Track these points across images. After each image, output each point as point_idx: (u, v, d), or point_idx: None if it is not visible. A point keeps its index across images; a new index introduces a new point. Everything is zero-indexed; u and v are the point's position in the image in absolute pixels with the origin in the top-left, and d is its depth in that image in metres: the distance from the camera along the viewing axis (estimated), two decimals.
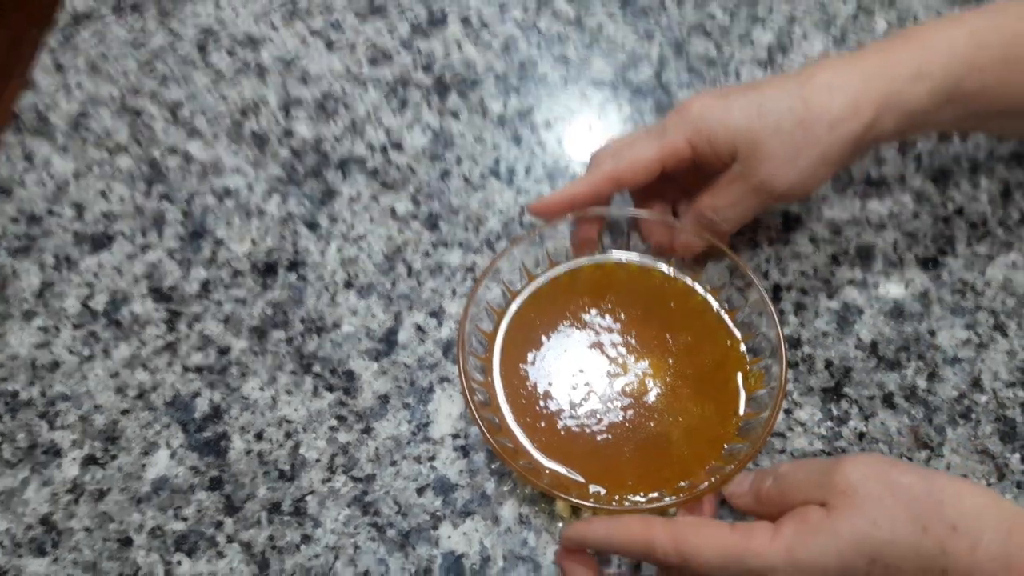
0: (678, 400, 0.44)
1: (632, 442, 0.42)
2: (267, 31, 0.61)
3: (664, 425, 0.43)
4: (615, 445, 0.42)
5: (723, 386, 0.44)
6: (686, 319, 0.46)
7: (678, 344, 0.45)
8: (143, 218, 0.53)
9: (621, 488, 0.41)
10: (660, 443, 0.42)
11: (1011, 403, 0.46)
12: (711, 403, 0.43)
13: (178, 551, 0.43)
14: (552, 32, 0.61)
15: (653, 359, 0.45)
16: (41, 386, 0.47)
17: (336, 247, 0.52)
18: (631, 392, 0.44)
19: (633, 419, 0.43)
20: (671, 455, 0.42)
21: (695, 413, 0.43)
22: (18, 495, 0.45)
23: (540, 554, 0.43)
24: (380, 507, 0.44)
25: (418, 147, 0.56)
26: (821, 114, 0.42)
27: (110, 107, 0.58)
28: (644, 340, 0.45)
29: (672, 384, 0.44)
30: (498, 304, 0.46)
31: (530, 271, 0.47)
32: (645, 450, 0.42)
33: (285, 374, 0.47)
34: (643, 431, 0.43)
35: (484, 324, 0.45)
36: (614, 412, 0.43)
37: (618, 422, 0.43)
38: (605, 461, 0.42)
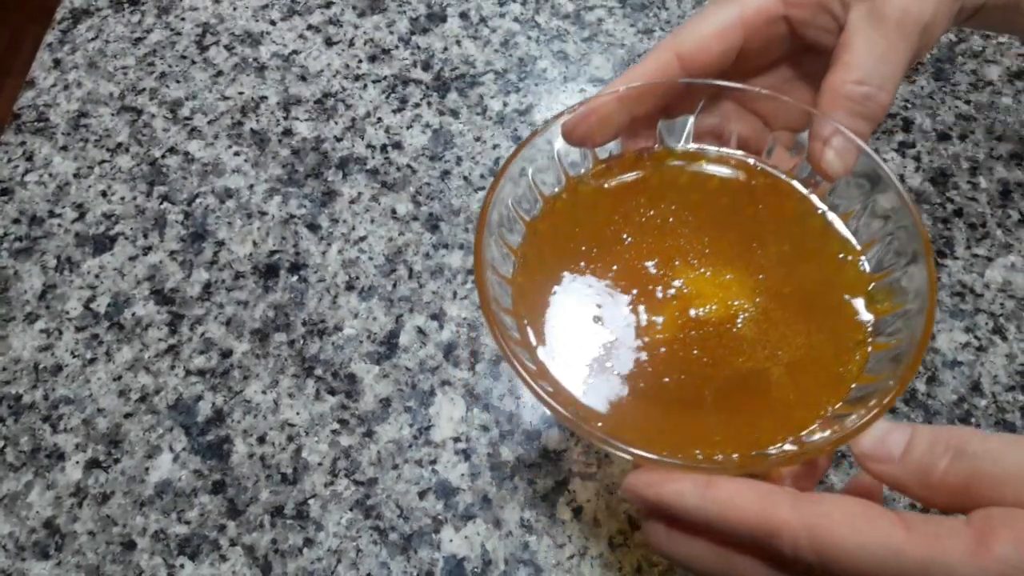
0: (775, 327, 0.33)
1: (713, 385, 0.32)
2: (266, 27, 0.61)
3: (758, 360, 0.33)
4: (690, 389, 0.32)
5: (836, 309, 0.34)
6: (780, 225, 0.36)
7: (769, 256, 0.35)
8: (144, 219, 0.53)
9: (703, 447, 0.31)
10: (754, 385, 0.32)
11: (1011, 407, 0.46)
12: (821, 331, 0.33)
13: (181, 554, 0.43)
14: (551, 27, 0.61)
15: (736, 275, 0.35)
16: (44, 389, 0.48)
17: (337, 249, 0.52)
18: (708, 319, 0.34)
19: (713, 354, 0.33)
20: (771, 400, 0.32)
21: (800, 344, 0.33)
22: (22, 498, 0.45)
23: (542, 558, 0.43)
24: (382, 511, 0.44)
25: (418, 146, 0.55)
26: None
27: (110, 105, 0.58)
28: (723, 252, 0.35)
29: (765, 307, 0.34)
30: (527, 209, 0.37)
31: (566, 168, 0.37)
32: (733, 394, 0.32)
33: (287, 377, 0.48)
34: (728, 369, 0.32)
35: (509, 236, 0.35)
36: (686, 346, 0.33)
37: (693, 359, 0.33)
38: (678, 411, 0.32)
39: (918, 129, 0.55)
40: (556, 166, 0.37)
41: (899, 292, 0.33)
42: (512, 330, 0.33)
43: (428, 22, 0.61)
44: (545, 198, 0.37)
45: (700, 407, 0.32)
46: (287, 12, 0.62)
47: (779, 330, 0.33)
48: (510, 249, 0.35)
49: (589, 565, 0.42)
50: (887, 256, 0.34)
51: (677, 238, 0.35)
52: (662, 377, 0.32)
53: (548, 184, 0.37)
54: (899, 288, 0.33)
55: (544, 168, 0.36)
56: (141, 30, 0.61)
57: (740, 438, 0.31)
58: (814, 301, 0.34)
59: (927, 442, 0.27)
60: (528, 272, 0.35)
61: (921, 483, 0.27)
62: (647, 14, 0.62)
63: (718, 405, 0.32)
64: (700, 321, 0.33)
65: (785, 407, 0.32)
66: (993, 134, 0.55)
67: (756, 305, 0.34)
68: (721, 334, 0.33)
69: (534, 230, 0.36)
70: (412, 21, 0.61)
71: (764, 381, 0.32)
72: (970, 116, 0.55)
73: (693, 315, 0.34)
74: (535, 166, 0.36)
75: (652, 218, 0.36)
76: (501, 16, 0.62)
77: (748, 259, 0.35)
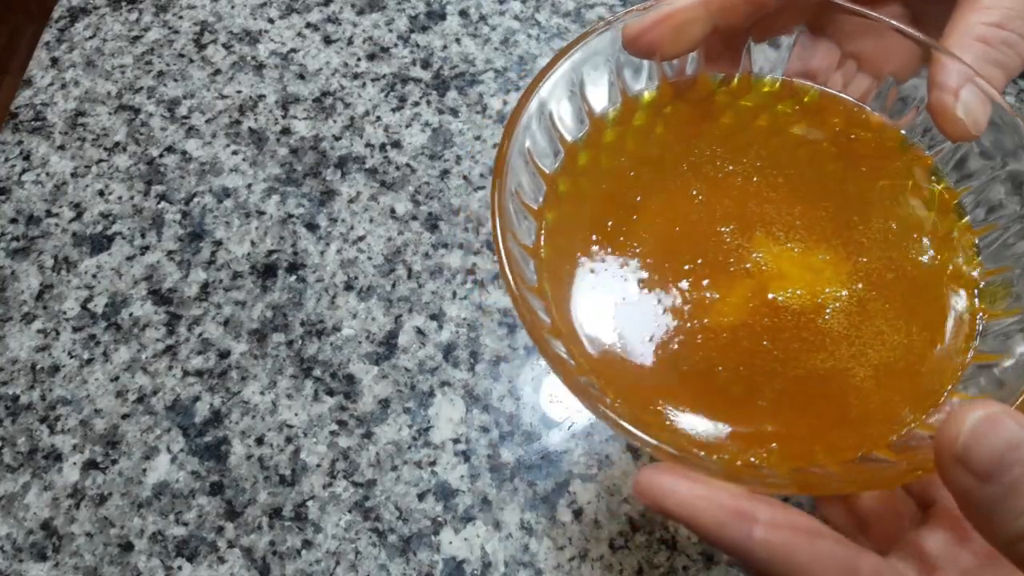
0: (870, 322, 0.27)
1: (779, 384, 0.26)
2: (264, 25, 0.61)
3: (840, 360, 0.27)
4: (747, 385, 0.26)
5: (939, 303, 0.28)
6: (887, 194, 0.29)
7: (873, 234, 0.28)
8: (142, 219, 0.53)
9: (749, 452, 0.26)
10: (833, 387, 0.26)
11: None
12: (923, 329, 0.27)
13: (179, 556, 0.43)
14: (551, 25, 0.61)
15: (833, 257, 0.28)
16: (41, 390, 0.47)
17: (336, 248, 0.51)
18: (789, 306, 0.27)
19: (787, 349, 0.27)
20: (850, 407, 0.26)
21: (897, 344, 0.27)
22: (19, 500, 0.45)
23: (542, 560, 0.43)
24: (381, 512, 0.44)
25: (417, 145, 0.55)
26: None
27: (107, 104, 0.57)
28: (818, 225, 0.29)
29: (862, 297, 0.28)
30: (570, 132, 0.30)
31: (626, 87, 0.30)
32: (803, 397, 0.26)
33: (285, 378, 0.47)
34: (801, 369, 0.27)
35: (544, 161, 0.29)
36: (754, 335, 0.27)
37: (760, 351, 0.27)
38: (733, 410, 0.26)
39: None
40: (612, 80, 0.30)
41: (1015, 293, 0.27)
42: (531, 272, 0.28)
43: (427, 20, 0.61)
44: (594, 119, 0.30)
45: (755, 408, 0.26)
46: (285, 10, 0.62)
47: (875, 325, 0.27)
48: (542, 176, 0.29)
49: (590, 567, 0.42)
50: (1008, 244, 0.27)
51: (761, 201, 0.29)
52: (716, 366, 0.27)
53: (599, 103, 0.30)
54: (1017, 288, 0.27)
55: (597, 81, 0.30)
56: (139, 28, 0.61)
57: (804, 448, 0.26)
58: (920, 292, 0.28)
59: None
60: (564, 210, 0.29)
61: None
62: None
63: (778, 408, 0.26)
64: (778, 307, 0.27)
65: (861, 419, 0.26)
66: None
67: (852, 293, 0.27)
68: (802, 326, 0.27)
69: (574, 156, 0.30)
70: (411, 19, 0.61)
71: (842, 385, 0.26)
72: None
73: (770, 299, 0.27)
74: (587, 78, 0.29)
75: (731, 172, 0.29)
76: (501, 14, 0.61)
77: (848, 236, 0.28)
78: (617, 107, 0.31)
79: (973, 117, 0.27)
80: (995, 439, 0.20)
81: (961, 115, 0.27)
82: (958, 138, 0.28)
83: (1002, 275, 0.27)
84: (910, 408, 0.26)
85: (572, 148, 0.30)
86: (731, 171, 0.30)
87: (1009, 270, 0.27)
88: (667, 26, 0.29)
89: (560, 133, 0.30)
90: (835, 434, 0.26)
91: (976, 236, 0.28)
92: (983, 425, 0.20)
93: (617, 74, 0.30)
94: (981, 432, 0.20)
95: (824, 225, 0.29)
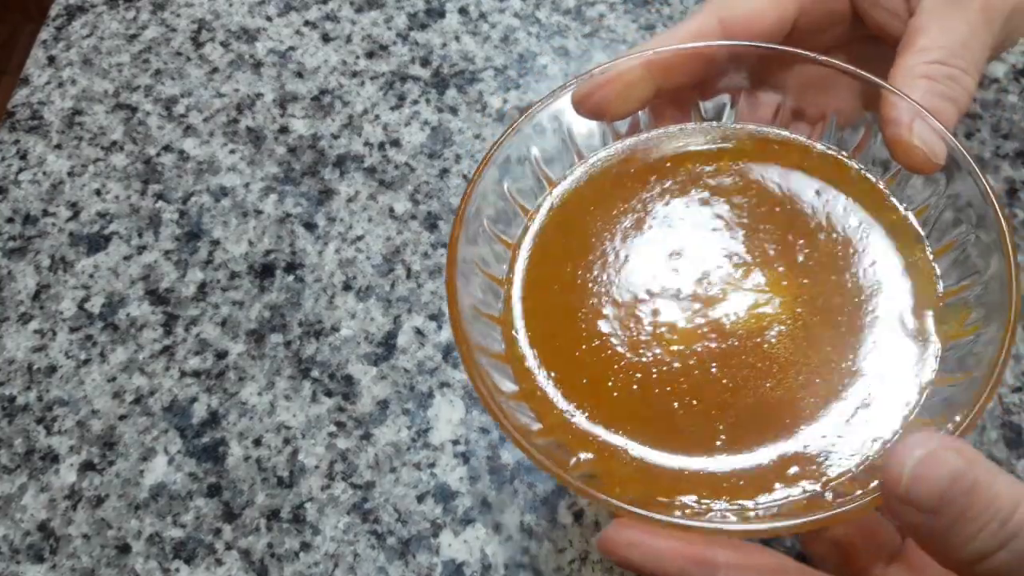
0: (816, 348, 0.27)
1: (732, 416, 0.26)
2: (262, 23, 0.60)
3: (789, 388, 0.26)
4: (702, 418, 0.26)
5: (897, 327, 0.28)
6: (835, 220, 0.30)
7: (818, 257, 0.29)
8: (139, 218, 0.52)
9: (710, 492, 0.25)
10: (786, 417, 0.26)
11: (1017, 409, 0.45)
12: (878, 356, 0.27)
13: (176, 558, 0.43)
14: (552, 23, 0.60)
15: (773, 278, 0.29)
16: (38, 391, 0.47)
17: (334, 248, 0.51)
18: (734, 330, 0.28)
19: (736, 376, 0.27)
20: (806, 438, 0.26)
21: (846, 371, 0.27)
22: (16, 501, 0.44)
23: (542, 562, 0.42)
24: (380, 514, 0.43)
25: (416, 144, 0.55)
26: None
27: (104, 103, 0.57)
28: (761, 248, 0.29)
29: (807, 321, 0.27)
30: (528, 196, 0.31)
31: (580, 146, 0.32)
32: (758, 429, 0.26)
33: (283, 379, 0.47)
34: (751, 397, 0.26)
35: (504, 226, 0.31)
36: (702, 361, 0.27)
37: (710, 380, 0.27)
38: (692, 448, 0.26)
39: None
40: (567, 144, 0.32)
41: (973, 315, 0.27)
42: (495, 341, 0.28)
43: (427, 18, 0.61)
44: (551, 182, 0.32)
45: (712, 444, 0.26)
46: (283, 8, 0.61)
47: (821, 351, 0.27)
48: (505, 244, 0.31)
49: (591, 570, 0.42)
50: (963, 267, 0.28)
51: (708, 230, 0.30)
52: (671, 402, 0.27)
53: (556, 167, 0.32)
54: (974, 309, 0.27)
55: (552, 147, 0.31)
56: (136, 27, 0.60)
57: (761, 479, 0.25)
58: (875, 316, 0.28)
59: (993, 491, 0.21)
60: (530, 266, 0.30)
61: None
62: (649, 10, 0.61)
63: (734, 443, 0.26)
64: (725, 332, 0.28)
65: (819, 450, 0.25)
66: (999, 132, 0.54)
67: (795, 317, 0.27)
68: (748, 351, 0.27)
69: (538, 220, 0.31)
70: (410, 17, 0.61)
71: (794, 416, 0.26)
72: (976, 114, 0.55)
73: (717, 324, 0.28)
74: (540, 144, 0.31)
75: (679, 208, 0.30)
76: (501, 12, 0.61)
77: (791, 258, 0.29)
78: (572, 167, 0.33)
79: (930, 147, 0.28)
80: (937, 477, 0.21)
81: (918, 144, 0.28)
82: (919, 168, 0.29)
83: (959, 295, 0.27)
84: (869, 437, 0.26)
85: (533, 215, 0.32)
86: (677, 208, 0.31)
87: (967, 289, 0.27)
88: (611, 89, 0.31)
89: (518, 201, 0.31)
90: (801, 461, 0.26)
91: (933, 258, 0.29)
92: (923, 466, 0.21)
93: (570, 138, 0.32)
94: (922, 472, 0.21)
95: (768, 248, 0.29)
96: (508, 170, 0.31)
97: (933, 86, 0.30)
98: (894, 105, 0.28)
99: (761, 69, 0.31)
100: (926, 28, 0.30)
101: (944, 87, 0.30)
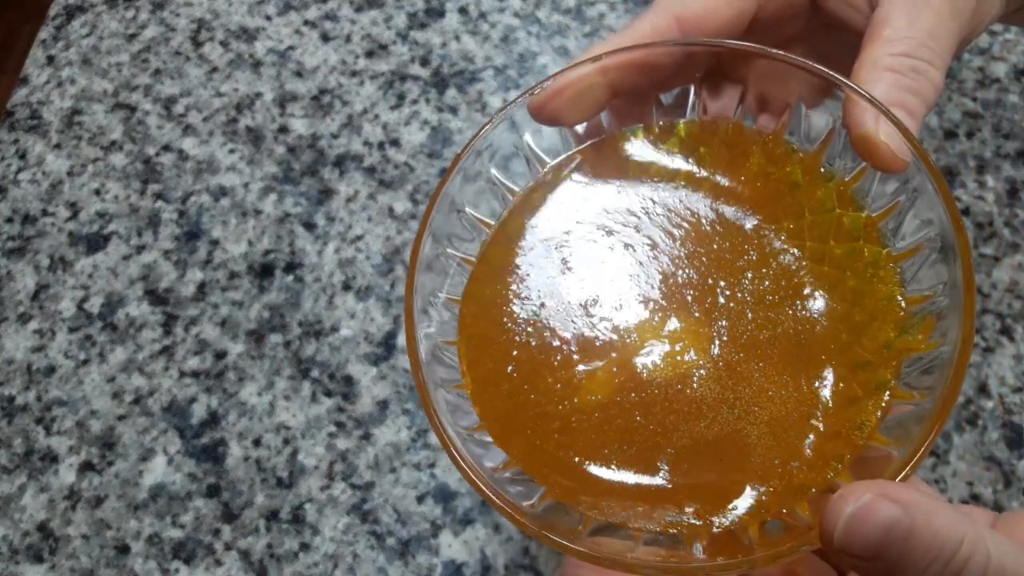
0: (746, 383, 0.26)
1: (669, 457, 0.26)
2: (261, 22, 0.60)
3: (726, 423, 0.26)
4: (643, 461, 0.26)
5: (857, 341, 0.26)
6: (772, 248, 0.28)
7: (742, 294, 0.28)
8: (138, 218, 0.52)
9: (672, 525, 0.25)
10: (726, 450, 0.26)
11: (1018, 409, 0.45)
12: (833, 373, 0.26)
13: (176, 559, 0.43)
14: (552, 23, 0.60)
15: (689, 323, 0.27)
16: (37, 391, 0.47)
17: (334, 248, 0.51)
18: (652, 379, 0.27)
19: (662, 422, 0.26)
20: (754, 467, 0.25)
21: (789, 397, 0.26)
22: (15, 501, 0.44)
23: (542, 563, 0.42)
24: (379, 515, 0.43)
25: (416, 144, 0.55)
26: None
27: (103, 103, 0.57)
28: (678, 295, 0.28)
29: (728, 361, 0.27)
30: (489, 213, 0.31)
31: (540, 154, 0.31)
32: (701, 464, 0.26)
33: (283, 379, 0.47)
34: (685, 438, 0.26)
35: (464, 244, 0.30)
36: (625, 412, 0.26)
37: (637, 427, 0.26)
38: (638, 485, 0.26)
39: (924, 127, 0.54)
40: (527, 155, 0.31)
41: (936, 326, 0.26)
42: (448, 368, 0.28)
43: (426, 17, 0.60)
44: (516, 196, 0.31)
45: (657, 481, 0.26)
46: (283, 7, 0.61)
47: (754, 385, 0.26)
48: (466, 262, 0.30)
49: None
50: (925, 276, 0.26)
51: (628, 265, 0.29)
52: (601, 448, 0.26)
53: (520, 178, 0.31)
54: (937, 320, 0.26)
55: (509, 158, 0.31)
56: (135, 26, 0.60)
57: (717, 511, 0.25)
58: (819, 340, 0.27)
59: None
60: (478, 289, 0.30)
61: None
62: None
63: (679, 478, 0.25)
64: (642, 382, 0.26)
65: (770, 477, 0.25)
66: (1000, 132, 0.54)
67: (716, 359, 0.27)
68: (670, 398, 0.26)
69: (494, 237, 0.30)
70: (410, 16, 0.61)
71: (739, 444, 0.26)
72: (977, 114, 0.54)
73: (634, 373, 0.27)
74: (498, 156, 0.30)
75: (604, 240, 0.29)
76: (501, 11, 0.61)
77: (711, 295, 0.28)
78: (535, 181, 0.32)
79: (897, 144, 0.27)
80: (871, 528, 0.21)
81: (884, 139, 0.27)
82: (886, 167, 0.27)
83: (922, 305, 0.26)
84: (828, 459, 0.25)
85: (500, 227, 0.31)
86: (605, 238, 0.30)
87: (929, 299, 0.26)
88: (567, 95, 0.30)
89: (479, 217, 0.31)
90: (746, 490, 0.25)
91: (898, 263, 0.28)
92: (855, 520, 0.21)
93: (530, 149, 0.31)
94: (854, 527, 0.21)
95: (686, 292, 0.28)
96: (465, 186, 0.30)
97: (899, 79, 0.28)
98: (857, 104, 0.28)
99: (720, 64, 0.31)
100: (892, 18, 0.29)
101: (910, 80, 0.28)
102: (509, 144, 0.31)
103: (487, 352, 0.28)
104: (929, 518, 0.21)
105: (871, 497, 0.21)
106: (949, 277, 0.25)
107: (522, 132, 0.31)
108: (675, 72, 0.31)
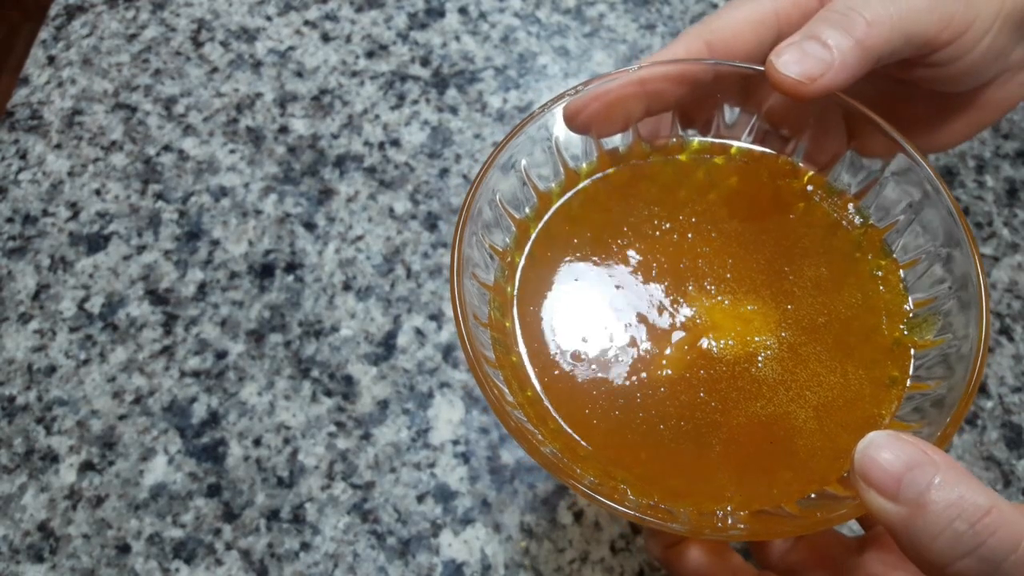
0: (804, 366, 0.28)
1: (724, 433, 0.28)
2: (261, 22, 0.60)
3: (780, 404, 0.28)
4: (697, 439, 0.28)
5: (872, 340, 0.29)
6: (814, 239, 0.31)
7: (803, 280, 0.30)
8: (138, 218, 0.52)
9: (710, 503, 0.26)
10: (777, 431, 0.28)
11: (1017, 409, 0.45)
12: (858, 368, 0.28)
13: (176, 558, 0.43)
14: (552, 23, 0.60)
15: (761, 306, 0.30)
16: (38, 390, 0.47)
17: (334, 248, 0.51)
18: (722, 357, 0.29)
19: (724, 399, 0.28)
20: (798, 448, 0.27)
21: (835, 384, 0.28)
22: (16, 501, 0.44)
23: (542, 562, 0.42)
24: (380, 515, 0.43)
25: (416, 144, 0.55)
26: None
27: (104, 103, 0.57)
28: (746, 276, 0.30)
29: (793, 343, 0.29)
30: (518, 208, 0.32)
31: (568, 163, 0.33)
32: (750, 443, 0.27)
33: (283, 379, 0.47)
34: (741, 417, 0.28)
35: (495, 236, 0.31)
36: (691, 388, 0.28)
37: (699, 403, 0.28)
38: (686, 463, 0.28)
39: None
40: (554, 157, 0.32)
41: (943, 324, 0.28)
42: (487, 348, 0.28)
43: (426, 17, 0.61)
44: (540, 194, 0.32)
45: (706, 459, 0.27)
46: (283, 7, 0.61)
47: (810, 368, 0.28)
48: (495, 252, 0.31)
49: (591, 570, 0.42)
50: (931, 279, 0.29)
51: (694, 257, 0.31)
52: (658, 424, 0.28)
53: (544, 178, 0.32)
54: (944, 319, 0.28)
55: (540, 160, 0.32)
56: (136, 26, 0.60)
57: (756, 493, 0.26)
58: (851, 330, 0.29)
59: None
60: (516, 280, 0.31)
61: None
62: (649, 9, 0.61)
63: (727, 456, 0.27)
64: (712, 359, 0.28)
65: (810, 458, 0.27)
66: (999, 132, 0.54)
67: (782, 341, 0.29)
68: (736, 375, 0.28)
69: (525, 231, 0.32)
70: (410, 16, 0.61)
71: (786, 428, 0.27)
72: None
73: (704, 351, 0.29)
74: (530, 157, 0.32)
75: (667, 230, 0.31)
76: (501, 11, 0.61)
77: (776, 286, 0.30)
78: (561, 180, 0.33)
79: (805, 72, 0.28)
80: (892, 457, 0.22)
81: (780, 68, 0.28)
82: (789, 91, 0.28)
83: (928, 306, 0.29)
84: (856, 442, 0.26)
85: (523, 223, 0.32)
86: (667, 228, 0.32)
87: (934, 301, 0.29)
88: (600, 106, 0.31)
89: (509, 211, 0.32)
90: (787, 475, 0.27)
91: (902, 270, 0.30)
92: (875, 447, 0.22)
93: (558, 152, 0.32)
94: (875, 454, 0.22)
95: (753, 275, 0.30)
96: (499, 177, 0.31)
97: (828, 15, 0.29)
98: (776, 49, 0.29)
99: (743, 87, 0.33)
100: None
101: (840, 17, 0.29)
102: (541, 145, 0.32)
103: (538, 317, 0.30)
104: (955, 476, 0.21)
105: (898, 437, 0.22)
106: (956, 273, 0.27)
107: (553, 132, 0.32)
108: (704, 94, 0.33)
